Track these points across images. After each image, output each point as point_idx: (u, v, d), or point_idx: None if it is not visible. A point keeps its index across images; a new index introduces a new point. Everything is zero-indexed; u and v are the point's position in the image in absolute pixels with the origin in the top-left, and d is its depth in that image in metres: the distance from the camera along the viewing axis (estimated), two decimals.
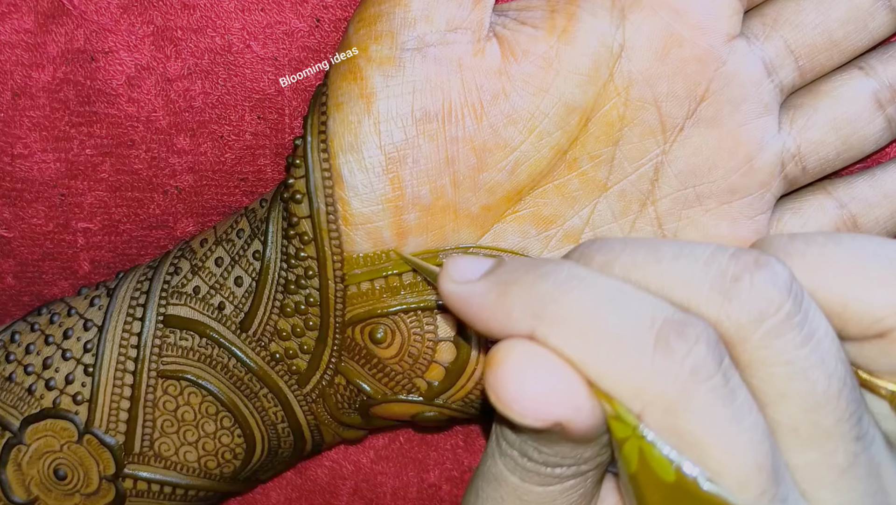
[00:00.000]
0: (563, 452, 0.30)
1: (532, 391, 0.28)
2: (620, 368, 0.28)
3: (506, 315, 0.29)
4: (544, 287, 0.29)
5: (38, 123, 0.42)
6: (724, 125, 0.38)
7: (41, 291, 0.46)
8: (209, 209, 0.44)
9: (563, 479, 0.31)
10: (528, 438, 0.30)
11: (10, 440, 0.41)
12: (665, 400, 0.27)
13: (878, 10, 0.38)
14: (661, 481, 0.28)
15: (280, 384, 0.41)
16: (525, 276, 0.29)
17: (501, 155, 0.37)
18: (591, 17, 0.37)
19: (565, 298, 0.28)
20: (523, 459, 0.31)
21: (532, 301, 0.29)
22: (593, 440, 0.30)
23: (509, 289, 0.29)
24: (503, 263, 0.31)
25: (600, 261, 0.30)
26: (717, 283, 0.28)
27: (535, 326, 0.28)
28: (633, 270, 0.29)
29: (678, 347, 0.27)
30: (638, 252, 0.30)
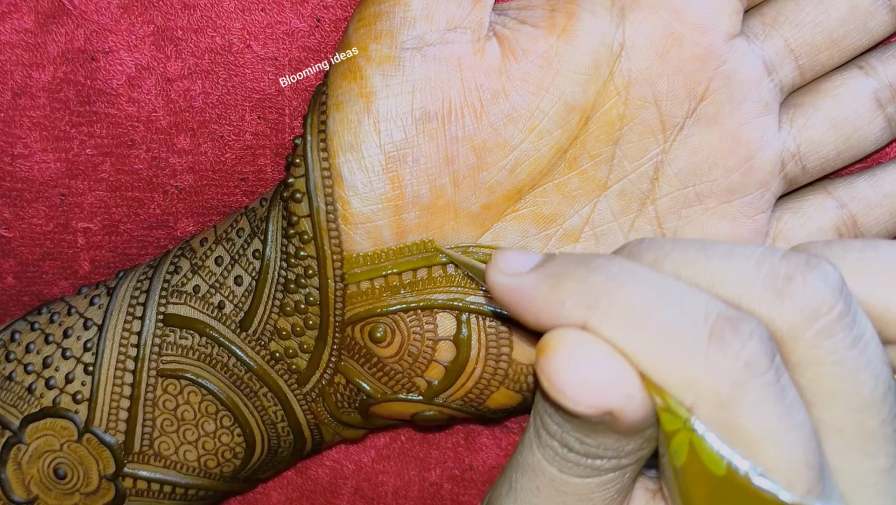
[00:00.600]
0: (606, 444, 0.30)
1: (586, 378, 0.28)
2: (674, 360, 0.28)
3: (558, 306, 0.29)
4: (597, 279, 0.29)
5: (39, 123, 0.42)
6: (725, 124, 0.38)
7: (41, 291, 0.46)
8: (209, 209, 0.44)
9: (602, 471, 0.31)
10: (571, 429, 0.30)
11: (9, 439, 0.41)
12: (718, 393, 0.28)
13: (878, 10, 0.38)
14: (711, 475, 0.28)
15: (280, 383, 0.41)
16: (577, 269, 0.30)
17: (501, 154, 0.37)
18: (591, 15, 0.37)
19: (619, 290, 0.29)
20: (563, 450, 0.31)
21: (585, 293, 0.29)
22: (639, 432, 0.30)
23: (561, 281, 0.30)
24: (554, 256, 0.31)
25: (650, 258, 0.30)
26: (770, 282, 0.29)
27: (588, 317, 0.29)
28: (683, 268, 0.30)
29: (733, 342, 0.28)
30: (688, 251, 0.30)
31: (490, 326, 0.39)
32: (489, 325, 0.39)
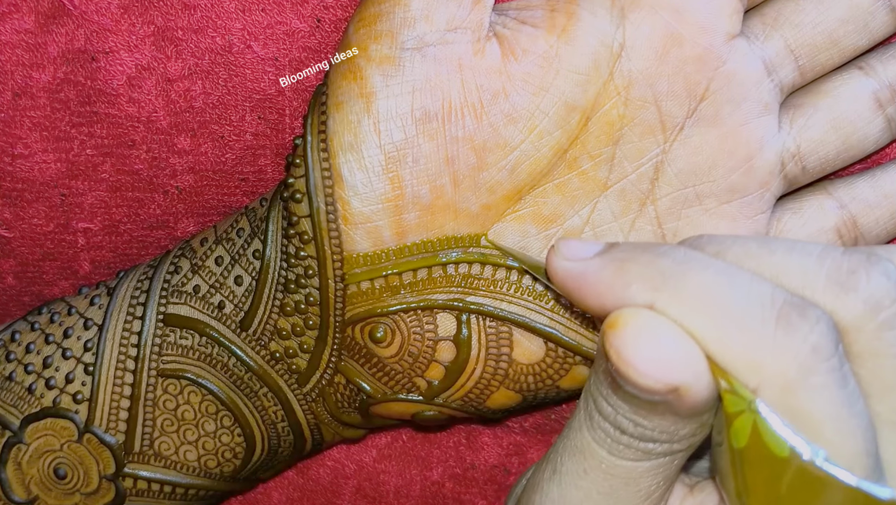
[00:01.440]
0: (662, 427, 0.30)
1: (657, 353, 0.29)
2: (741, 343, 0.29)
3: (623, 288, 0.30)
4: (664, 263, 0.30)
5: (39, 124, 0.42)
6: (725, 124, 0.38)
7: (41, 291, 0.46)
8: (210, 209, 0.44)
9: (654, 456, 0.31)
10: (627, 410, 0.31)
11: (10, 439, 0.41)
12: (783, 376, 0.28)
13: (878, 10, 0.38)
14: (772, 457, 0.29)
15: (280, 383, 0.41)
16: (643, 254, 0.31)
17: (501, 154, 0.38)
18: (591, 16, 0.37)
19: (685, 274, 0.30)
20: (616, 433, 0.31)
21: (651, 276, 0.30)
22: (697, 415, 0.30)
23: (626, 265, 0.31)
24: (618, 243, 0.32)
25: (712, 250, 0.31)
26: (834, 274, 0.30)
27: (655, 299, 0.29)
28: (746, 260, 0.31)
29: (800, 326, 0.28)
30: (749, 244, 0.31)
31: (490, 327, 0.39)
32: (489, 325, 0.39)
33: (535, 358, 0.39)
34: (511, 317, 0.39)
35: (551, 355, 0.39)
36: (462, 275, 0.39)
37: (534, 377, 0.39)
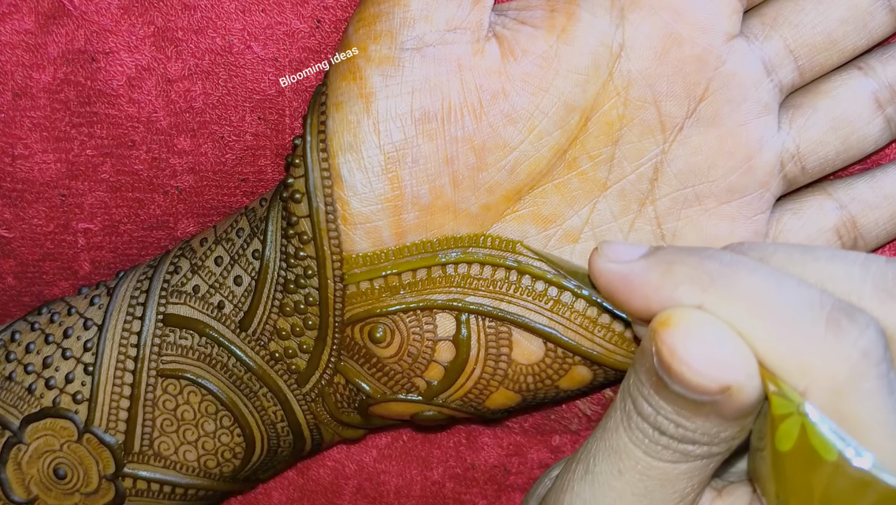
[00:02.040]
0: (703, 428, 0.31)
1: (711, 351, 0.29)
2: (790, 345, 0.29)
3: (670, 290, 0.30)
4: (711, 266, 0.30)
5: (39, 124, 0.42)
6: (724, 125, 0.38)
7: (42, 292, 0.46)
8: (210, 210, 0.44)
9: (692, 458, 0.31)
10: (670, 411, 0.31)
11: (9, 439, 0.41)
12: (833, 380, 0.28)
13: (877, 10, 0.38)
14: (819, 460, 0.29)
15: (279, 383, 0.41)
16: (689, 256, 0.31)
17: (501, 154, 0.38)
18: (591, 16, 0.37)
19: (733, 276, 0.30)
20: (655, 434, 0.31)
21: (699, 278, 0.30)
22: (742, 418, 0.30)
23: (673, 267, 0.31)
24: (662, 246, 0.32)
25: (755, 256, 0.31)
26: (880, 282, 0.30)
27: (704, 301, 0.30)
28: (789, 265, 0.31)
29: (850, 330, 0.28)
30: (793, 251, 0.31)
31: (489, 327, 0.39)
32: (488, 325, 0.39)
33: (534, 358, 0.39)
34: (510, 317, 0.39)
35: (550, 356, 0.39)
36: (461, 275, 0.39)
37: (533, 377, 0.39)
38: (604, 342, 0.39)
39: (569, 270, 0.38)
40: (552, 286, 0.39)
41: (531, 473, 0.47)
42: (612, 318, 0.39)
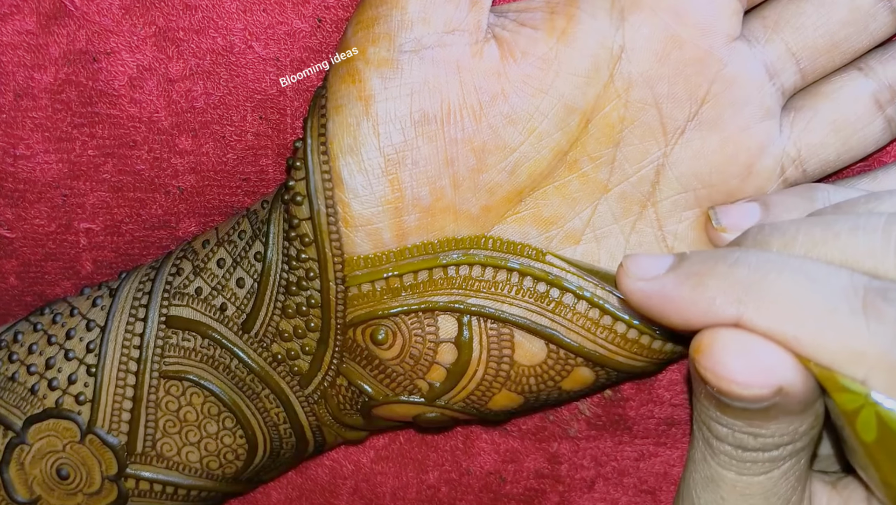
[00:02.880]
0: (780, 430, 0.31)
1: (751, 361, 0.30)
2: (837, 339, 0.29)
3: (707, 304, 0.31)
4: (741, 273, 0.30)
5: (41, 124, 0.42)
6: (726, 128, 0.38)
7: (44, 291, 0.46)
8: (211, 209, 0.44)
9: (781, 461, 0.32)
10: (743, 425, 0.31)
11: (12, 440, 0.41)
12: (887, 360, 0.29)
13: (879, 12, 0.38)
14: None
15: (282, 385, 0.41)
16: (717, 265, 0.31)
17: (501, 156, 0.37)
18: (591, 18, 0.37)
19: (765, 281, 0.30)
20: (738, 451, 0.32)
21: (732, 288, 0.30)
22: (810, 407, 0.31)
23: (704, 280, 0.31)
24: (686, 256, 0.32)
25: (778, 244, 0.32)
26: None
27: (742, 312, 0.30)
28: (813, 249, 0.31)
29: (889, 310, 0.29)
30: (814, 231, 0.31)
31: (491, 328, 0.39)
32: (490, 327, 0.39)
33: (536, 360, 0.39)
34: (512, 319, 0.39)
35: (553, 357, 0.39)
36: (463, 277, 0.39)
37: (535, 379, 0.39)
38: (606, 343, 0.39)
39: (603, 277, 0.38)
40: (554, 288, 0.39)
41: (527, 483, 0.47)
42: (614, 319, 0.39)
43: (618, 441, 0.46)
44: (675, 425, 0.46)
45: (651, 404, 0.45)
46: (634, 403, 0.45)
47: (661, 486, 0.47)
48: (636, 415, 0.46)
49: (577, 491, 0.47)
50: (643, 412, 0.46)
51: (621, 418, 0.46)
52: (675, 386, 0.45)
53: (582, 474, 0.47)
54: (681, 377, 0.45)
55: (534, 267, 0.39)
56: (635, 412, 0.46)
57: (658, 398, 0.45)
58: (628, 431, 0.46)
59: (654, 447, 0.46)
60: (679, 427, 0.46)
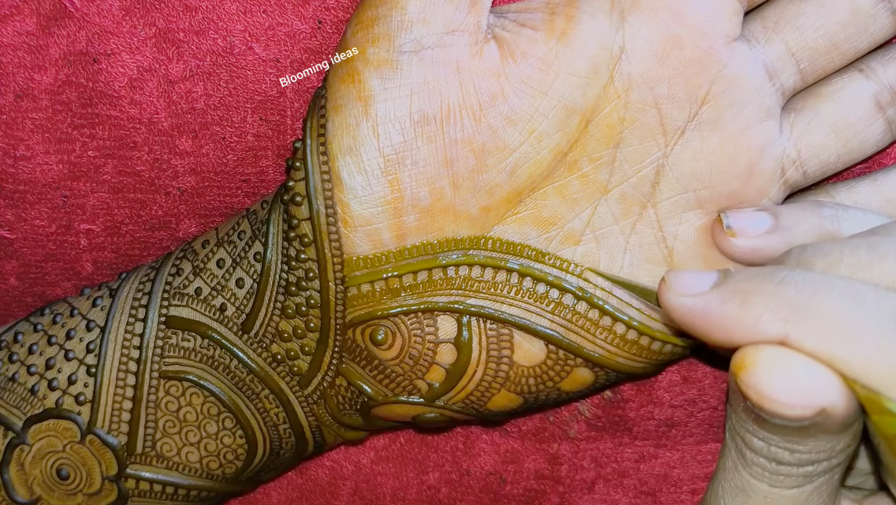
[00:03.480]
0: (818, 447, 0.31)
1: (795, 382, 0.30)
2: (885, 362, 0.29)
3: (753, 322, 0.30)
4: (788, 292, 0.30)
5: (41, 125, 0.42)
6: (726, 129, 0.38)
7: (44, 292, 0.46)
8: (211, 210, 0.44)
9: (815, 476, 0.32)
10: (780, 441, 0.31)
11: (12, 440, 0.41)
12: None
13: (879, 13, 0.38)
14: None
15: (281, 385, 0.41)
16: (764, 283, 0.31)
17: (501, 156, 0.37)
18: (591, 19, 0.37)
19: (812, 300, 0.30)
20: (773, 465, 0.32)
21: (779, 307, 0.30)
22: (849, 427, 0.31)
23: (751, 298, 0.31)
24: (731, 272, 0.32)
25: (822, 265, 0.31)
26: None
27: (788, 331, 0.30)
28: (858, 271, 0.31)
29: None
30: (859, 253, 0.31)
31: (491, 329, 0.39)
32: (490, 327, 0.39)
33: (535, 360, 0.39)
34: (512, 319, 0.39)
35: (552, 357, 0.39)
36: (462, 277, 0.39)
37: (535, 379, 0.39)
38: (606, 344, 0.39)
39: (641, 291, 0.38)
40: (554, 288, 0.39)
41: (527, 484, 0.47)
42: (613, 320, 0.39)
43: (618, 442, 0.46)
44: (675, 427, 0.46)
45: (651, 406, 0.45)
46: (634, 405, 0.45)
47: (661, 487, 0.47)
48: (636, 416, 0.46)
49: (578, 492, 0.47)
50: (643, 413, 0.46)
51: (621, 420, 0.46)
52: (675, 387, 0.45)
53: (582, 475, 0.47)
54: (680, 378, 0.45)
55: (533, 268, 0.39)
56: (635, 413, 0.46)
57: (658, 399, 0.45)
58: (628, 432, 0.46)
59: (654, 449, 0.46)
60: (679, 429, 0.46)
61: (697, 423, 0.46)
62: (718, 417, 0.46)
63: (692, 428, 0.46)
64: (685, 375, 0.45)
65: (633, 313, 0.39)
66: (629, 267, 0.39)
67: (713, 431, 0.46)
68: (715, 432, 0.46)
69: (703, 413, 0.45)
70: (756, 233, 0.37)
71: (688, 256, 0.39)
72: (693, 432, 0.46)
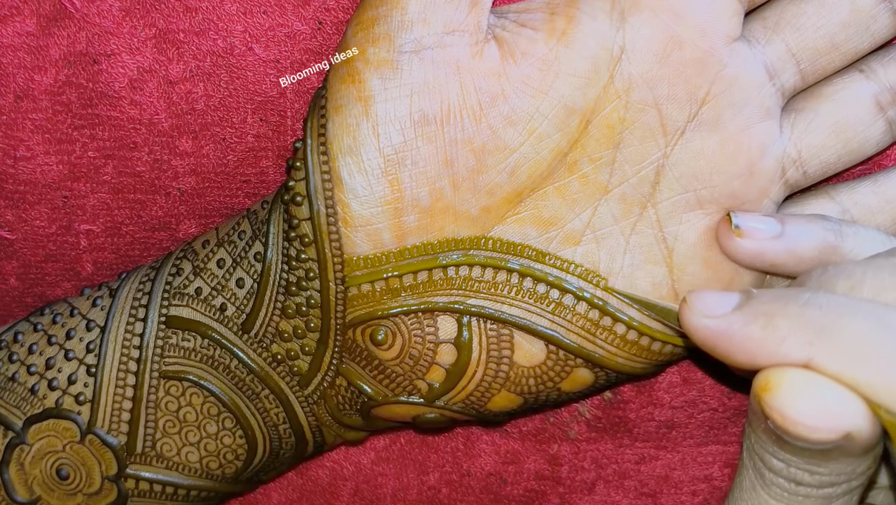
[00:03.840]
0: (839, 469, 0.31)
1: (821, 406, 0.29)
2: None
3: (776, 345, 0.30)
4: (812, 315, 0.30)
5: (41, 126, 0.42)
6: (726, 129, 0.38)
7: (44, 293, 0.46)
8: (211, 211, 0.44)
9: (833, 498, 0.32)
10: (801, 462, 0.31)
11: (12, 440, 0.41)
12: None
13: (879, 13, 0.38)
14: None
15: (281, 385, 0.41)
16: (787, 306, 0.31)
17: (501, 157, 0.37)
18: (591, 19, 0.37)
19: (838, 324, 0.30)
20: (792, 485, 0.32)
21: (803, 330, 0.30)
22: (871, 451, 0.31)
23: (774, 320, 0.31)
24: (753, 294, 0.32)
25: (844, 286, 0.31)
26: None
27: (813, 354, 0.30)
28: (881, 293, 0.31)
29: None
30: (882, 275, 0.31)
31: (491, 329, 0.39)
32: (490, 327, 0.39)
33: (536, 361, 0.39)
34: (512, 319, 0.39)
35: (552, 358, 0.39)
36: (462, 277, 0.39)
37: (535, 380, 0.39)
38: (606, 345, 0.39)
39: (661, 312, 0.38)
40: (554, 289, 0.39)
41: (527, 484, 0.47)
42: (614, 320, 0.39)
43: (618, 444, 0.46)
44: (676, 428, 0.46)
45: (651, 407, 0.45)
46: (634, 406, 0.45)
47: (661, 489, 0.47)
48: (636, 417, 0.46)
49: (578, 493, 0.47)
50: (643, 414, 0.46)
51: (621, 421, 0.46)
52: (675, 389, 0.45)
53: (582, 476, 0.47)
54: (680, 380, 0.45)
55: (534, 268, 0.39)
56: (635, 415, 0.46)
57: (658, 401, 0.45)
58: (628, 433, 0.46)
59: (654, 450, 0.46)
60: (679, 430, 0.46)
61: (698, 424, 0.46)
62: (718, 418, 0.46)
63: (692, 430, 0.46)
64: (685, 376, 0.45)
65: (633, 314, 0.39)
66: (629, 267, 0.39)
67: (713, 432, 0.46)
68: (715, 434, 0.46)
69: (703, 414, 0.45)
70: (763, 236, 0.37)
71: (688, 256, 0.39)
72: (693, 434, 0.46)
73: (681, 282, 0.39)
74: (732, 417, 0.46)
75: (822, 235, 0.36)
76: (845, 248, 0.36)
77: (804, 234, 0.37)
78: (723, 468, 0.46)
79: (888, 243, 0.37)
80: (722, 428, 0.46)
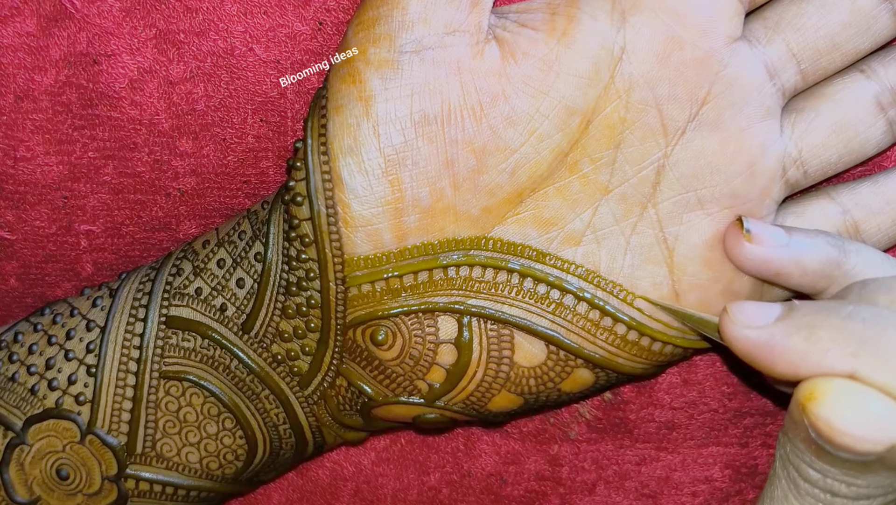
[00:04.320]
0: (876, 482, 0.31)
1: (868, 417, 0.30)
2: None
3: (819, 356, 0.31)
4: (855, 327, 0.30)
5: (41, 126, 0.42)
6: (726, 129, 0.38)
7: (44, 293, 0.46)
8: (212, 211, 0.44)
9: None
10: (839, 473, 0.31)
11: (12, 440, 0.41)
12: None
13: (880, 13, 0.38)
14: None
15: (281, 386, 0.41)
16: (830, 318, 0.31)
17: (501, 157, 0.37)
18: (592, 19, 0.37)
19: (883, 336, 0.30)
20: (827, 496, 0.32)
21: (847, 341, 0.30)
22: None
23: (817, 332, 0.31)
24: (796, 305, 0.32)
25: (885, 300, 0.32)
26: None
27: (857, 366, 0.30)
28: None
29: None
30: None
31: (491, 329, 0.39)
32: (490, 328, 0.39)
33: (536, 361, 0.39)
34: (512, 320, 0.39)
35: (553, 358, 0.39)
36: (463, 277, 0.39)
37: (535, 380, 0.39)
38: (606, 345, 0.39)
39: (697, 322, 0.38)
40: (554, 289, 0.39)
41: (527, 485, 0.47)
42: (614, 321, 0.39)
43: (618, 445, 0.46)
44: (676, 429, 0.46)
45: (651, 407, 0.45)
46: (635, 407, 0.45)
47: (662, 490, 0.47)
48: (636, 418, 0.46)
49: (578, 494, 0.47)
50: (643, 415, 0.46)
51: (622, 421, 0.46)
52: (675, 389, 0.45)
53: (583, 477, 0.47)
54: (680, 380, 0.45)
55: (534, 268, 0.39)
56: (636, 415, 0.46)
57: (658, 401, 0.45)
58: (629, 434, 0.46)
59: (655, 451, 0.46)
60: (679, 431, 0.46)
61: (698, 425, 0.46)
62: (719, 419, 0.46)
63: (693, 431, 0.46)
64: (685, 376, 0.45)
65: (633, 314, 0.39)
66: (630, 268, 0.39)
67: (714, 434, 0.46)
68: (716, 436, 0.46)
69: (703, 415, 0.45)
70: (772, 243, 0.37)
71: (688, 257, 0.39)
72: (694, 435, 0.46)
73: (681, 282, 0.39)
74: (733, 419, 0.45)
75: (825, 249, 0.36)
76: (848, 265, 0.36)
77: (810, 247, 0.37)
78: (723, 469, 0.46)
79: (887, 263, 0.37)
80: (722, 429, 0.46)
